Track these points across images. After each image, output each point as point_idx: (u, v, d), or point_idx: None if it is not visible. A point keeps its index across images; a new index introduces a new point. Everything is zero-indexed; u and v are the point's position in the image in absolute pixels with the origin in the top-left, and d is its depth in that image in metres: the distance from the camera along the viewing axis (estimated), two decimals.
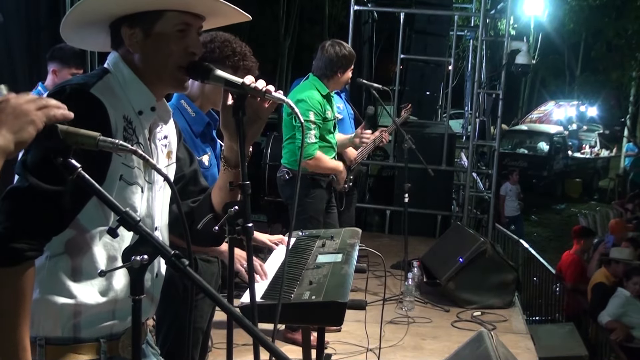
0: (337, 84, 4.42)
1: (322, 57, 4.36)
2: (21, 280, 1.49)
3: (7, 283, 1.49)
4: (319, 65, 4.37)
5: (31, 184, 1.49)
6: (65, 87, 1.59)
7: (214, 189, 1.92)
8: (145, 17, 1.67)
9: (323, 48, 4.38)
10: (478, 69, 8.19)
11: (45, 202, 1.50)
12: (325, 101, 4.33)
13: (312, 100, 4.24)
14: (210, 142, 2.87)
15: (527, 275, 8.51)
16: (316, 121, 4.24)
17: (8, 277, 1.48)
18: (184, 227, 1.44)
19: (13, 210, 1.49)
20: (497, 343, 3.09)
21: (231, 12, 1.79)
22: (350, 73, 4.41)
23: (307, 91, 4.31)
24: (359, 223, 6.22)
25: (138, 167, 1.69)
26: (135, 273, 1.37)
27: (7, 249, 1.47)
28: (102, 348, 1.67)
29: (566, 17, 21.55)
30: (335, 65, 4.33)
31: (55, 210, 1.53)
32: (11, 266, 1.48)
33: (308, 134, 4.20)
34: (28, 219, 1.50)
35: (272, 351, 1.27)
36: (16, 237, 1.48)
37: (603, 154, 20.76)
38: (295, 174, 4.35)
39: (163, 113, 1.81)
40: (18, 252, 1.48)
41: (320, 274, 2.53)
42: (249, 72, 2.68)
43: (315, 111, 4.24)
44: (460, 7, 10.78)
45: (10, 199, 1.50)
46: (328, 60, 4.33)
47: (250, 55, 2.74)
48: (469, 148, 7.95)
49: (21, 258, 1.49)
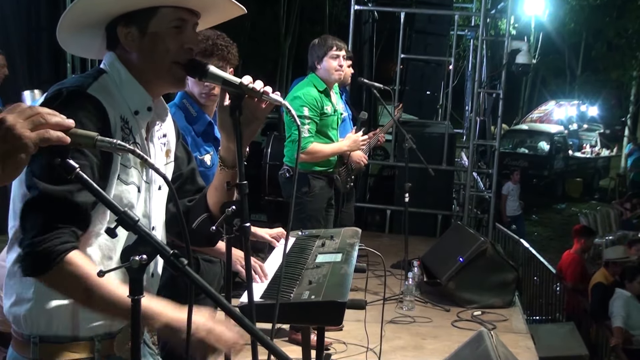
0: (326, 75, 4.45)
1: (308, 55, 4.55)
2: (72, 269, 1.51)
3: (63, 280, 1.52)
4: (308, 62, 4.54)
5: (42, 190, 1.50)
6: (62, 90, 1.58)
7: (209, 188, 1.92)
8: (140, 15, 1.67)
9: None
10: (478, 68, 8.18)
11: (61, 202, 1.51)
12: (322, 96, 4.41)
13: (306, 96, 4.35)
14: (213, 141, 2.87)
15: (528, 274, 8.51)
16: (311, 116, 4.33)
17: (59, 275, 1.50)
18: (183, 226, 1.44)
19: (33, 220, 1.51)
20: (497, 343, 3.09)
21: (226, 6, 1.79)
22: (333, 62, 4.41)
23: (303, 88, 4.43)
24: (359, 223, 6.22)
25: (135, 167, 1.69)
26: (134, 273, 1.37)
27: (41, 256, 1.49)
28: (96, 347, 1.68)
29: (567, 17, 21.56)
30: (312, 57, 4.48)
31: (75, 207, 1.53)
32: (53, 267, 1.49)
33: (302, 128, 4.26)
34: (49, 221, 1.51)
35: (272, 349, 1.27)
36: (45, 241, 1.49)
37: (603, 154, 20.75)
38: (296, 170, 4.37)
39: (161, 111, 1.81)
40: (51, 253, 1.49)
41: (320, 273, 2.53)
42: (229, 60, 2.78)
43: (310, 106, 4.33)
44: (461, 6, 10.76)
45: (28, 212, 1.52)
46: (309, 55, 4.52)
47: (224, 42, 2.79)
48: (470, 148, 7.95)
49: (57, 255, 1.49)
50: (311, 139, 4.34)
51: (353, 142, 4.55)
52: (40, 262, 1.49)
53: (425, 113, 9.30)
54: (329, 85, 4.48)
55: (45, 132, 1.26)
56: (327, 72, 4.44)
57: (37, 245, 1.48)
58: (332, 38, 4.52)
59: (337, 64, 4.42)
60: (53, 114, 1.29)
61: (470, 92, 9.38)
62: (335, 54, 4.40)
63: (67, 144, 1.29)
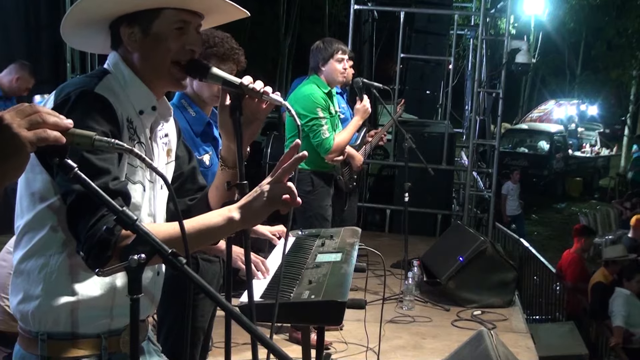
0: (330, 78, 4.47)
1: (311, 56, 4.56)
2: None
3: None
4: (310, 64, 4.55)
5: (78, 191, 1.49)
6: (70, 94, 1.58)
7: (211, 188, 1.92)
8: (143, 16, 1.68)
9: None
10: (478, 68, 8.18)
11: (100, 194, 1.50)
12: (327, 97, 4.44)
13: (314, 96, 4.36)
14: (212, 141, 2.87)
15: (528, 274, 8.51)
16: (325, 116, 4.36)
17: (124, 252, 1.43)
18: (182, 226, 1.44)
19: (84, 222, 1.49)
20: (497, 342, 3.09)
21: (229, 9, 1.79)
22: (338, 65, 4.44)
23: (309, 90, 4.42)
24: (359, 222, 6.22)
25: (141, 167, 1.70)
26: (133, 272, 1.36)
27: (100, 250, 1.47)
28: (102, 344, 1.69)
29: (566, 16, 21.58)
30: (316, 58, 4.48)
31: (114, 193, 1.52)
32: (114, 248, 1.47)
33: (321, 129, 4.32)
34: (96, 214, 1.49)
35: (271, 348, 1.27)
36: (97, 231, 1.47)
37: (603, 153, 20.76)
38: (299, 170, 4.37)
39: (164, 111, 1.82)
40: (109, 242, 1.47)
41: (320, 273, 2.53)
42: (240, 63, 2.76)
43: (322, 107, 4.36)
44: (461, 6, 10.76)
45: (74, 216, 1.51)
46: (311, 56, 4.53)
47: (236, 45, 2.77)
48: (469, 147, 7.95)
49: (113, 242, 1.48)
50: (332, 137, 4.38)
51: (363, 112, 4.56)
52: (102, 250, 1.47)
53: (425, 112, 9.31)
54: (331, 87, 4.51)
55: (43, 131, 1.25)
56: (331, 74, 4.45)
57: (91, 238, 1.47)
58: (336, 41, 4.55)
59: (342, 67, 4.46)
60: (51, 114, 1.28)
61: (470, 91, 9.38)
62: (340, 57, 4.44)
63: (64, 143, 1.29)
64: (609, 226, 12.61)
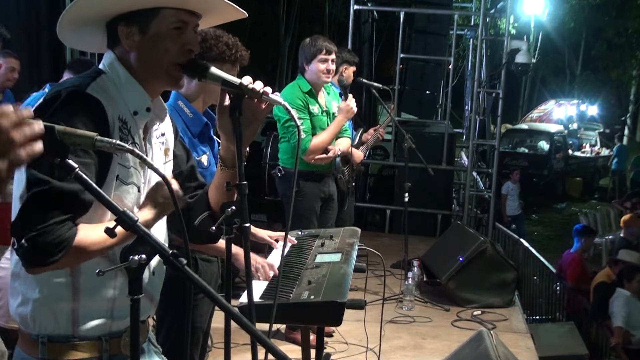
0: (313, 79, 4.32)
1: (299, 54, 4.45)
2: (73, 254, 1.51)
3: (77, 259, 1.53)
4: (299, 62, 4.44)
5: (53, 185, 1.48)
6: (60, 92, 1.58)
7: (210, 187, 1.92)
8: (141, 15, 1.68)
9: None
10: (478, 68, 8.19)
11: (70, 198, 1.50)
12: (307, 96, 4.32)
13: (291, 98, 4.21)
14: (209, 141, 2.87)
15: (528, 274, 8.51)
16: (300, 116, 4.21)
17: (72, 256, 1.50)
18: (181, 226, 1.44)
19: (41, 211, 1.48)
20: (497, 342, 3.09)
21: (227, 9, 1.79)
22: (321, 65, 4.26)
23: (286, 91, 4.34)
24: (359, 222, 6.22)
25: (134, 167, 1.69)
26: (133, 272, 1.37)
27: (40, 250, 1.47)
28: (104, 346, 1.69)
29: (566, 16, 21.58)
30: (301, 57, 4.36)
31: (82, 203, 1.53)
32: (63, 252, 1.48)
33: (295, 131, 4.18)
34: (57, 214, 1.49)
35: (270, 349, 1.27)
36: (54, 231, 1.47)
37: (603, 153, 20.74)
38: (287, 170, 4.37)
39: (159, 111, 1.81)
40: (62, 242, 1.48)
41: (319, 273, 2.53)
42: (243, 61, 2.71)
43: (296, 107, 4.18)
44: (460, 6, 10.77)
45: (33, 202, 1.49)
46: (299, 54, 4.40)
47: (240, 45, 2.73)
48: (469, 147, 7.95)
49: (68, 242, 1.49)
50: (309, 138, 4.26)
51: (346, 111, 4.39)
52: (50, 250, 1.47)
53: (424, 113, 9.30)
54: (316, 88, 4.36)
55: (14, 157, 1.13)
56: (314, 75, 4.29)
57: (46, 235, 1.46)
58: (322, 39, 4.34)
59: (325, 68, 4.26)
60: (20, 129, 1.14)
61: (470, 91, 9.38)
62: (323, 57, 4.24)
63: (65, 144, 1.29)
64: (609, 226, 12.59)
